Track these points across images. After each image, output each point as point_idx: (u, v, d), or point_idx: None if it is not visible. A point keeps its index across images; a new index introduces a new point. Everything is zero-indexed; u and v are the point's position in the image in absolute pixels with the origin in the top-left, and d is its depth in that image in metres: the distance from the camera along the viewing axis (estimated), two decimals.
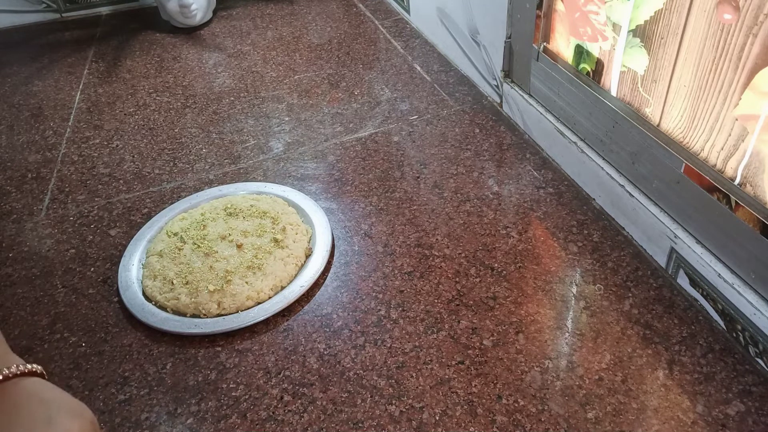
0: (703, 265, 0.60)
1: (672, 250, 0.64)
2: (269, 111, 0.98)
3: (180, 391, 0.56)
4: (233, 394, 0.56)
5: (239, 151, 0.89)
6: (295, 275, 0.67)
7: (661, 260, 0.66)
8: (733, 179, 0.56)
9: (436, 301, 0.63)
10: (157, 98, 1.03)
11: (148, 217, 0.76)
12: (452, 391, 0.55)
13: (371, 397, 0.55)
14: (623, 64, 0.67)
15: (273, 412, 0.54)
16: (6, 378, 0.39)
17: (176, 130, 0.94)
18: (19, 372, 0.40)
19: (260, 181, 0.82)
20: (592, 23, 0.70)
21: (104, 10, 1.37)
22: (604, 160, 0.73)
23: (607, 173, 0.71)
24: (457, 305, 0.63)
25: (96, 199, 0.81)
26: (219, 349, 0.60)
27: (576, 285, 0.64)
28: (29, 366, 0.40)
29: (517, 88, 0.88)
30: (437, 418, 0.53)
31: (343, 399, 0.55)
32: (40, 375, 0.41)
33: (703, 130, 0.58)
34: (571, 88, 0.76)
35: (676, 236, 0.62)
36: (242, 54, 1.15)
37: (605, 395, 0.54)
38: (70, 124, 0.97)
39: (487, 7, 0.89)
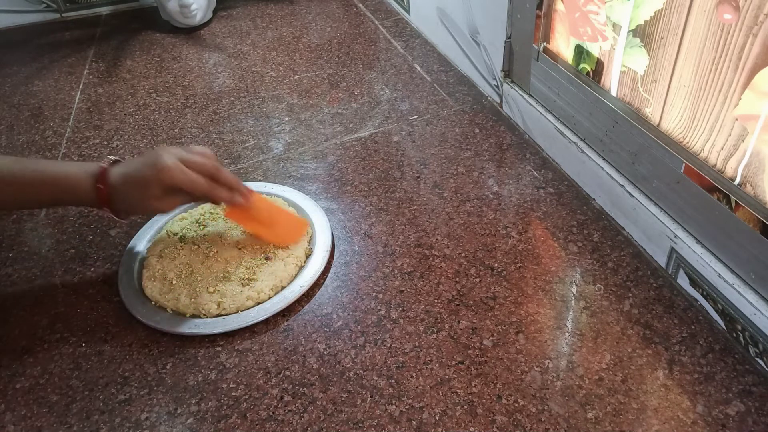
0: (703, 265, 0.60)
1: (672, 250, 0.64)
2: (269, 111, 0.98)
3: (180, 391, 0.56)
4: (233, 394, 0.56)
5: (239, 151, 0.89)
6: (295, 275, 0.67)
7: (661, 260, 0.66)
8: (733, 179, 0.56)
9: (436, 301, 0.64)
10: (157, 98, 1.03)
11: (148, 217, 0.76)
12: (452, 391, 0.55)
13: (371, 397, 0.55)
14: (623, 64, 0.67)
15: (273, 412, 0.54)
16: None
17: (176, 130, 0.94)
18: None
19: (260, 180, 0.82)
20: (592, 23, 0.70)
21: (104, 10, 1.37)
22: (604, 160, 0.73)
23: (607, 173, 0.71)
24: (457, 305, 0.63)
25: None
26: (219, 349, 0.60)
27: (576, 285, 0.64)
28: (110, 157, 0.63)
29: (517, 88, 0.88)
30: (437, 418, 0.53)
31: (343, 399, 0.55)
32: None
33: (703, 130, 0.58)
34: (571, 88, 0.76)
35: (676, 236, 0.63)
36: (242, 54, 1.15)
37: (605, 395, 0.54)
38: (70, 124, 0.97)
39: (487, 7, 0.89)
